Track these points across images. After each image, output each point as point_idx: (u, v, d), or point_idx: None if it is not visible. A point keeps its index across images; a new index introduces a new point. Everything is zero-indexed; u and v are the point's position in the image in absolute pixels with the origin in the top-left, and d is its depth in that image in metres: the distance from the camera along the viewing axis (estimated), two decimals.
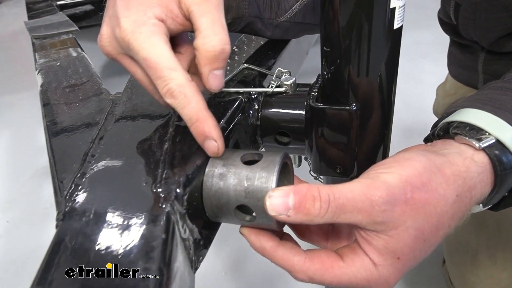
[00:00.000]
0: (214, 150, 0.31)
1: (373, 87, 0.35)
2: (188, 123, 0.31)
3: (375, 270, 0.29)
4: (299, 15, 0.49)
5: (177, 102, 0.30)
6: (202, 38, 0.31)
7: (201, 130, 0.31)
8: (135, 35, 0.31)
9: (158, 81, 0.30)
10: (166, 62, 0.30)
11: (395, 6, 0.31)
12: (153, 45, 0.30)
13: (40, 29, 0.75)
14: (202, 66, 0.32)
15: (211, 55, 0.31)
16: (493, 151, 0.29)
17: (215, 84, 0.33)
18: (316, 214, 0.28)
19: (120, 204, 0.27)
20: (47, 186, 1.35)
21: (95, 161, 0.32)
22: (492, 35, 0.65)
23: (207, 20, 0.31)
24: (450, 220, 0.29)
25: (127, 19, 0.31)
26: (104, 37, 0.33)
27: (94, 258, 0.24)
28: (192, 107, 0.30)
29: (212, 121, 0.31)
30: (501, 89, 0.33)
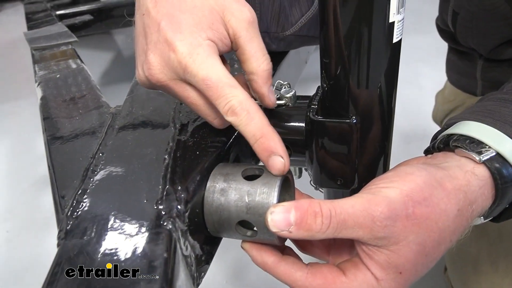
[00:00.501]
0: (281, 167, 0.30)
1: (373, 99, 0.36)
2: (251, 140, 0.31)
3: (378, 285, 0.29)
4: (304, 28, 0.49)
5: (240, 119, 0.30)
6: (256, 61, 0.33)
7: (266, 146, 0.30)
8: (193, 57, 0.30)
9: (220, 99, 0.30)
10: (226, 80, 0.30)
11: (394, 20, 0.31)
12: (211, 65, 0.31)
13: (40, 40, 0.75)
14: (261, 86, 0.34)
15: (267, 74, 0.33)
16: (493, 164, 0.30)
17: (274, 99, 0.36)
18: (317, 230, 0.28)
19: (122, 222, 0.27)
20: (47, 195, 1.34)
21: (96, 177, 0.32)
22: (490, 43, 0.65)
23: (256, 44, 0.33)
24: (451, 235, 0.29)
25: (182, 42, 0.31)
26: (153, 65, 0.32)
27: (95, 279, 0.24)
28: (255, 123, 0.30)
29: (278, 137, 0.31)
30: (500, 101, 0.34)
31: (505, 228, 0.69)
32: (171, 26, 0.31)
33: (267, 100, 0.35)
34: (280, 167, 0.30)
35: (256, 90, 0.34)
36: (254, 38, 0.33)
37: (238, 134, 0.39)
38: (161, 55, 0.32)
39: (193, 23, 0.32)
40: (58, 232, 0.28)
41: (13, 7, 3.23)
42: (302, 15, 0.49)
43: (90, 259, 0.25)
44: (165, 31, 0.31)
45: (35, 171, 1.46)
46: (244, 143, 0.40)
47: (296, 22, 0.49)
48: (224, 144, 0.36)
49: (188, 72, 0.31)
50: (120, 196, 0.30)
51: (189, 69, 0.30)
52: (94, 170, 0.33)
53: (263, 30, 0.48)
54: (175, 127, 0.38)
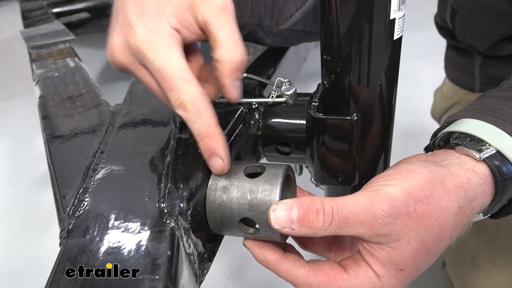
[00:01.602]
0: (219, 168, 0.31)
1: (374, 96, 0.36)
2: (197, 138, 0.31)
3: (379, 282, 0.29)
4: (299, 23, 0.49)
5: (189, 115, 0.30)
6: (224, 50, 0.31)
7: (209, 146, 0.30)
8: (151, 45, 0.30)
9: (172, 92, 0.30)
10: (180, 73, 0.30)
11: (395, 17, 0.31)
12: (168, 56, 0.30)
13: (37, 39, 0.75)
14: (224, 77, 0.32)
15: (234, 65, 0.31)
16: (493, 162, 0.30)
17: (236, 94, 0.33)
18: (319, 227, 0.28)
19: (124, 220, 0.27)
20: (46, 195, 1.34)
21: (97, 176, 0.32)
22: (488, 39, 0.65)
23: (227, 31, 0.31)
24: (452, 232, 0.30)
25: (142, 28, 0.30)
26: (115, 46, 0.32)
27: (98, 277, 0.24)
28: (203, 122, 0.30)
29: (222, 139, 0.31)
30: (500, 98, 0.34)
31: (503, 223, 0.69)
32: (136, 10, 0.31)
33: (227, 92, 0.32)
34: (219, 167, 0.31)
35: (219, 79, 0.32)
36: (226, 25, 0.31)
37: (239, 132, 0.39)
38: (124, 38, 0.31)
39: (157, 9, 0.31)
40: (60, 231, 0.28)
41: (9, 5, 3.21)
42: (297, 9, 0.49)
43: (93, 258, 0.25)
44: (130, 15, 0.31)
45: (34, 170, 1.45)
46: (244, 141, 0.40)
47: (290, 16, 0.49)
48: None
49: (145, 60, 0.30)
50: (121, 194, 0.30)
51: (146, 56, 0.30)
52: (95, 169, 0.33)
53: (256, 23, 0.47)
54: (175, 125, 0.38)
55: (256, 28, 0.48)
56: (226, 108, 0.40)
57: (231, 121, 0.38)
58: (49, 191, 1.12)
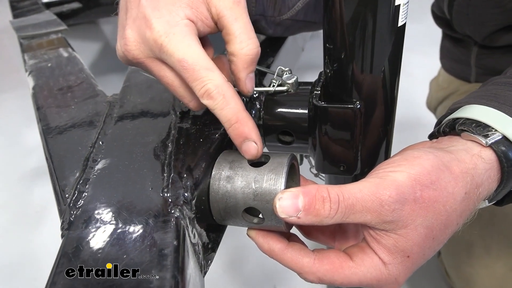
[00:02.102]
0: (254, 152, 0.31)
1: (377, 84, 0.35)
2: (227, 124, 0.30)
3: (385, 269, 0.29)
4: (301, 13, 0.48)
5: (216, 103, 0.30)
6: (239, 43, 0.31)
7: (241, 131, 0.30)
8: (169, 36, 0.29)
9: (195, 82, 0.29)
10: (202, 62, 0.29)
11: (400, 3, 0.31)
12: (188, 46, 0.30)
13: (28, 29, 0.73)
14: (240, 71, 0.32)
15: (249, 59, 0.31)
16: (499, 147, 0.30)
17: (251, 86, 0.33)
18: (326, 215, 0.28)
19: (128, 210, 0.27)
20: (37, 189, 1.32)
21: (97, 167, 0.32)
22: (485, 30, 0.66)
23: (241, 25, 0.31)
24: (458, 218, 0.29)
25: (159, 20, 0.30)
26: (130, 40, 0.31)
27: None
28: (231, 108, 0.30)
29: (252, 122, 0.31)
30: (505, 85, 0.34)
31: (498, 212, 0.70)
32: (150, 2, 0.31)
33: (242, 86, 0.33)
34: (254, 152, 0.31)
35: (234, 73, 0.32)
36: (240, 18, 0.31)
37: None
38: (138, 32, 0.31)
39: (171, 1, 0.31)
40: (61, 223, 0.27)
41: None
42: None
43: (97, 250, 0.24)
44: (144, 7, 0.31)
45: (24, 164, 1.43)
46: None
47: (293, 6, 0.48)
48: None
49: (163, 52, 0.30)
50: (123, 184, 0.29)
51: (165, 49, 0.30)
52: (95, 160, 0.32)
53: (260, 13, 0.47)
54: (175, 114, 0.37)
55: (259, 18, 0.47)
56: None
57: None
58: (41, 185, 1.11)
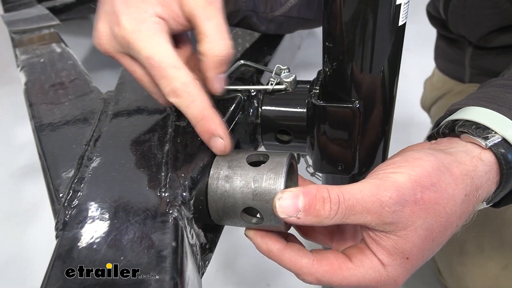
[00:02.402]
0: (221, 148, 0.31)
1: (376, 84, 0.35)
2: (193, 122, 0.31)
3: (384, 270, 0.29)
4: (294, 9, 0.48)
5: (181, 101, 0.30)
6: (209, 43, 0.31)
7: (207, 128, 0.31)
8: (135, 33, 0.30)
9: (162, 80, 0.30)
10: (169, 60, 0.30)
11: (401, 2, 0.31)
12: (156, 43, 0.30)
13: (19, 23, 0.71)
14: (208, 70, 0.32)
15: (218, 60, 0.31)
16: (499, 149, 0.30)
17: (219, 86, 0.33)
18: (326, 215, 0.27)
19: (124, 210, 0.26)
20: (28, 187, 1.30)
21: (92, 165, 0.31)
22: (480, 30, 0.66)
23: (213, 24, 0.31)
24: (458, 220, 0.29)
25: (128, 17, 0.30)
26: (102, 34, 0.32)
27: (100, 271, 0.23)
28: (196, 105, 0.30)
29: (218, 119, 0.31)
30: (503, 87, 0.34)
31: (490, 212, 0.70)
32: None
33: (210, 85, 0.33)
34: (220, 147, 0.31)
35: (202, 72, 0.32)
36: (212, 18, 0.31)
37: (238, 120, 0.38)
38: (109, 27, 0.32)
39: (136, 6, 0.31)
40: (56, 223, 0.26)
41: None
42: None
43: (93, 251, 0.23)
44: (116, 3, 0.31)
45: (15, 161, 1.41)
46: (243, 129, 0.39)
47: (285, 2, 0.48)
48: None
49: (131, 49, 0.30)
50: (120, 183, 0.29)
51: (132, 45, 0.30)
52: (90, 158, 0.32)
53: (251, 9, 0.46)
54: (172, 112, 0.37)
55: (250, 14, 0.47)
56: (225, 95, 0.39)
57: (230, 108, 0.37)
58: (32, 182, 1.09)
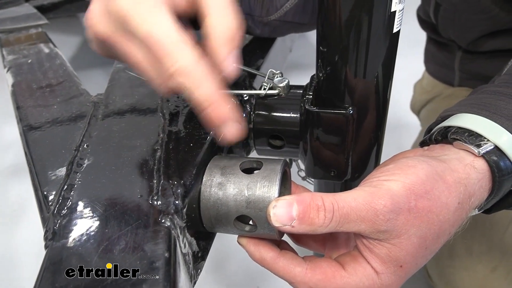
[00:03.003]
0: (237, 133, 0.27)
1: (370, 89, 0.35)
2: (202, 107, 0.27)
3: (378, 278, 0.29)
4: (289, 14, 0.48)
5: (189, 81, 0.26)
6: (215, 18, 0.27)
7: (218, 112, 0.26)
8: (133, 6, 0.26)
9: (165, 58, 0.26)
10: (174, 36, 0.26)
11: (396, 10, 0.31)
12: (156, 17, 0.26)
13: (6, 22, 0.70)
14: (217, 48, 0.27)
15: (229, 32, 0.27)
16: (491, 157, 0.30)
17: (233, 68, 0.28)
18: (320, 224, 0.27)
19: (116, 220, 0.26)
20: (14, 187, 1.27)
21: (82, 171, 0.30)
22: (470, 35, 0.67)
23: (219, 1, 0.28)
24: (451, 228, 0.30)
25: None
26: (94, 13, 0.28)
27: (91, 283, 0.22)
28: (207, 87, 0.26)
29: (230, 102, 0.27)
30: (495, 94, 0.34)
31: (479, 216, 0.71)
32: None
33: (225, 64, 0.28)
34: (236, 133, 0.28)
35: (212, 50, 0.28)
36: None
37: None
38: (104, 3, 0.28)
39: None
40: (45, 233, 0.26)
41: None
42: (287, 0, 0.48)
43: (85, 262, 0.23)
44: None
45: (1, 161, 1.38)
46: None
47: (281, 7, 0.47)
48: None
49: (129, 24, 0.26)
50: (111, 191, 0.28)
51: (129, 20, 0.26)
52: (80, 164, 0.31)
53: (246, 12, 0.46)
54: (164, 117, 0.36)
55: (246, 17, 0.46)
56: None
57: None
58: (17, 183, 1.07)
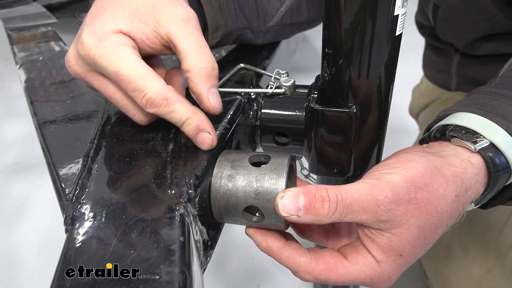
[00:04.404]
0: (209, 142, 0.32)
1: (373, 90, 0.37)
2: (179, 124, 0.31)
3: (378, 267, 0.30)
4: (286, 17, 0.49)
5: (161, 109, 0.30)
6: (192, 59, 0.31)
7: (193, 126, 0.31)
8: (99, 49, 0.30)
9: (135, 93, 0.30)
10: (138, 72, 0.29)
11: (398, 13, 0.32)
12: (121, 57, 0.30)
13: (16, 20, 0.71)
14: (199, 86, 0.31)
15: (205, 72, 0.31)
16: (487, 153, 0.31)
17: (217, 102, 0.32)
18: (325, 214, 0.29)
19: (132, 206, 0.27)
20: (16, 184, 1.28)
21: (98, 162, 0.32)
22: (468, 36, 0.68)
23: (192, 41, 0.31)
24: (448, 219, 0.31)
25: (89, 34, 0.30)
26: (70, 56, 0.32)
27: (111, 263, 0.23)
28: (178, 110, 0.30)
29: (203, 115, 0.32)
30: (491, 94, 0.36)
31: (475, 217, 0.73)
32: (91, 20, 0.32)
33: (206, 103, 0.32)
34: (208, 141, 0.32)
35: (193, 90, 0.32)
36: (191, 36, 0.31)
37: (238, 122, 0.39)
38: (75, 47, 0.32)
39: (109, 19, 0.31)
40: (64, 218, 0.27)
41: None
42: (281, 3, 0.49)
43: (104, 244, 0.24)
44: (84, 24, 0.32)
45: (2, 159, 1.39)
46: (243, 131, 0.40)
47: (276, 12, 0.49)
48: (227, 131, 0.36)
49: (98, 65, 0.30)
50: (126, 181, 0.29)
51: (98, 62, 0.30)
52: (96, 155, 0.32)
53: (245, 26, 0.47)
54: None
55: (244, 31, 0.48)
56: (225, 97, 0.40)
57: (231, 110, 0.38)
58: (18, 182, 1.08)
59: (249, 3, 0.47)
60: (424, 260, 0.83)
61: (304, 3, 0.51)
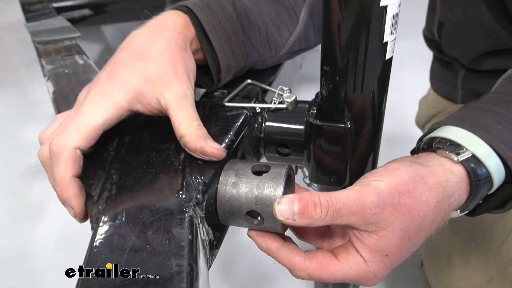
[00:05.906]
0: (72, 214, 0.35)
1: (366, 105, 0.40)
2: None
3: (366, 266, 0.34)
4: (295, 45, 0.52)
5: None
6: (184, 126, 0.36)
7: (60, 197, 0.34)
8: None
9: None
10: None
11: (387, 40, 0.36)
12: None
13: (43, 34, 0.77)
14: (196, 142, 0.36)
15: (196, 133, 0.36)
16: (469, 164, 0.34)
17: (217, 145, 0.36)
18: (317, 218, 0.32)
19: (148, 208, 0.31)
20: (36, 185, 1.34)
21: (119, 169, 0.36)
22: (472, 52, 0.70)
23: (185, 114, 0.37)
24: (431, 223, 0.34)
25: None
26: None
27: (130, 256, 0.27)
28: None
29: (73, 187, 0.34)
30: (479, 110, 0.38)
31: (476, 227, 0.74)
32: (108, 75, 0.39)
33: (209, 150, 0.35)
34: (72, 214, 0.35)
35: (192, 149, 0.36)
36: (184, 109, 0.37)
37: (244, 134, 0.43)
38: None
39: (114, 84, 0.37)
40: (90, 218, 0.31)
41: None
42: (291, 33, 0.52)
43: (124, 240, 0.28)
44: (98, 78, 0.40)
45: (24, 160, 1.46)
46: (248, 142, 0.44)
47: (286, 42, 0.52)
48: (233, 142, 0.40)
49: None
50: (143, 186, 0.34)
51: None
52: (117, 163, 0.37)
53: (257, 59, 0.50)
54: None
55: (258, 64, 0.51)
56: (233, 111, 0.44)
57: (237, 123, 0.42)
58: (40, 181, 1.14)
59: (261, 38, 0.49)
60: (427, 269, 0.85)
61: (311, 30, 0.53)
